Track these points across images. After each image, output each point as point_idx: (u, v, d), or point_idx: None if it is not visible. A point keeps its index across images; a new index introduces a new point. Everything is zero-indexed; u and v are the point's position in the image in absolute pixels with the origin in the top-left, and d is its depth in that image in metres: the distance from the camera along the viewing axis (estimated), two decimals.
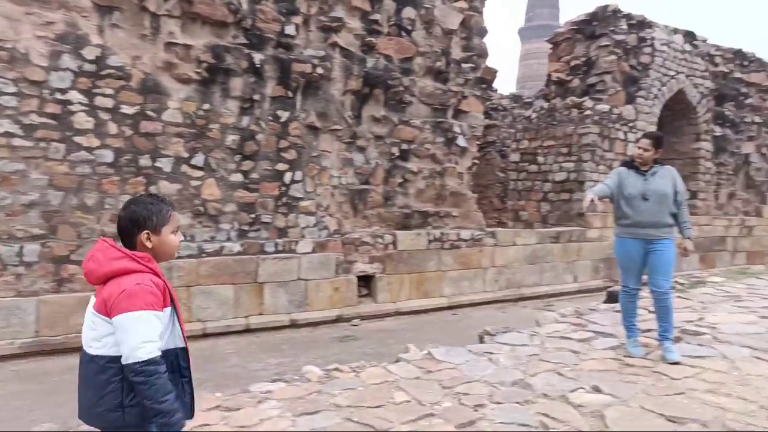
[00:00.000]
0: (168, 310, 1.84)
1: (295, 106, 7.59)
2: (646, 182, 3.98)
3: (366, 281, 8.11)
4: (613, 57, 11.37)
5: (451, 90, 8.99)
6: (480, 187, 15.17)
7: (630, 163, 4.15)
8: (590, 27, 11.89)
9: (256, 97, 7.23)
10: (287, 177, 7.50)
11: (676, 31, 12.53)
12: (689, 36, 12.78)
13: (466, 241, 8.85)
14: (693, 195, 13.03)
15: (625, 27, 11.63)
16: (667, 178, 4.00)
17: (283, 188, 7.48)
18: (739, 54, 14.08)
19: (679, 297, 5.88)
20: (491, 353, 4.16)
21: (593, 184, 10.67)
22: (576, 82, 11.90)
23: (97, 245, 1.88)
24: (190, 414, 1.93)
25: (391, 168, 8.46)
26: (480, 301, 8.85)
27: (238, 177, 7.16)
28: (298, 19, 7.56)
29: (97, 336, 1.80)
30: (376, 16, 8.18)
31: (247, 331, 6.95)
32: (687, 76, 12.47)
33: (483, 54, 9.44)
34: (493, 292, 9.12)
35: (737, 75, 13.93)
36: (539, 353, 4.12)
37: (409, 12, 8.49)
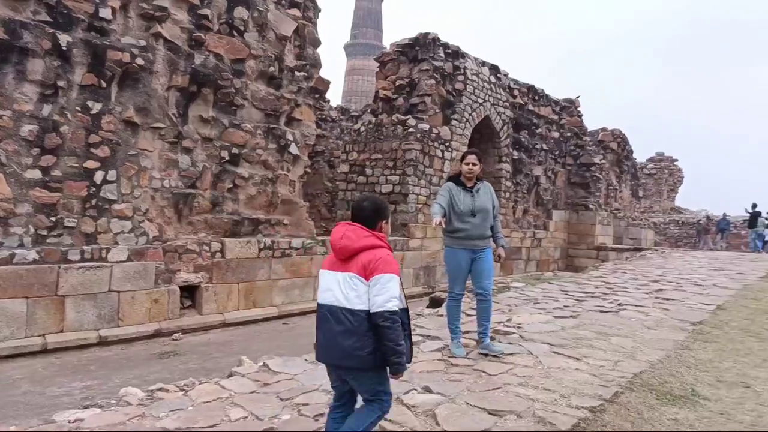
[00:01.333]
0: None
1: (110, 97, 6.83)
2: (473, 199, 4.35)
3: (190, 292, 7.58)
4: (433, 81, 12.36)
5: (285, 97, 8.90)
6: (308, 196, 15.24)
7: (457, 179, 4.47)
8: (413, 51, 12.77)
9: (61, 83, 6.33)
10: (98, 176, 6.70)
11: (484, 63, 14.10)
12: (494, 69, 14.47)
13: (297, 249, 8.79)
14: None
15: (442, 55, 12.72)
16: (487, 195, 4.46)
17: (93, 189, 6.66)
18: (532, 89, 16.35)
19: None
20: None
21: (416, 197, 11.43)
22: (401, 100, 12.66)
23: (345, 227, 2.51)
24: (410, 359, 2.49)
25: (221, 172, 8.06)
26: (310, 310, 8.83)
27: (35, 173, 6.18)
28: (115, 2, 6.84)
29: (359, 294, 2.36)
30: (206, 12, 7.77)
31: (45, 351, 6.00)
32: (492, 104, 14.07)
33: (316, 64, 9.54)
34: None
35: (530, 107, 16.16)
36: None
37: (241, 12, 8.22)
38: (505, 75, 14.94)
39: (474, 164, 4.39)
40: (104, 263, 6.65)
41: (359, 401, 2.58)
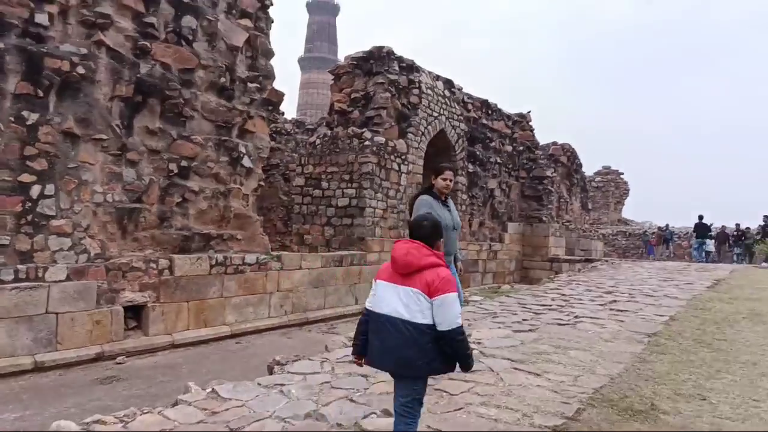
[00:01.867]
0: None
1: (48, 107, 6.42)
2: (450, 214, 4.39)
3: (136, 312, 7.17)
4: (388, 94, 12.34)
5: (237, 108, 8.64)
6: (263, 210, 14.89)
7: (433, 193, 4.42)
8: (368, 64, 12.74)
9: None
10: (35, 190, 6.26)
11: (438, 77, 14.21)
12: (448, 83, 14.61)
13: (251, 265, 8.49)
14: None
15: (397, 68, 12.74)
16: (455, 209, 4.47)
17: (29, 204, 6.22)
18: (485, 104, 16.60)
19: None
20: (282, 384, 3.96)
21: (373, 210, 11.32)
22: (356, 113, 12.57)
23: (408, 245, 2.71)
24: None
25: (169, 186, 7.71)
26: (265, 328, 8.54)
27: None
28: (53, 8, 6.46)
29: (422, 309, 2.57)
30: (152, 20, 7.46)
31: None
32: (447, 118, 14.18)
33: (269, 75, 9.33)
34: (279, 317, 8.90)
35: (484, 121, 16.39)
36: (331, 380, 4.06)
37: (189, 21, 7.94)
38: (459, 89, 15.10)
39: (452, 180, 4.44)
40: (41, 283, 6.20)
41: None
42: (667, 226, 26.57)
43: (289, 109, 69.38)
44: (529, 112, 19.08)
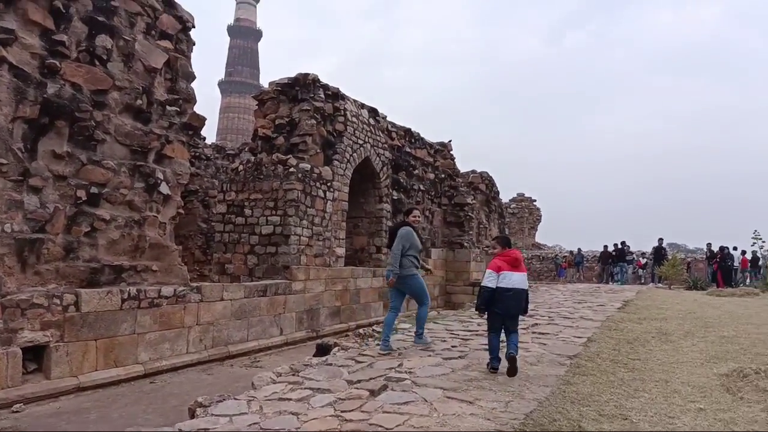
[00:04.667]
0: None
1: None
2: (419, 239, 6.39)
3: (36, 353, 6.50)
4: (313, 121, 12.30)
5: (154, 132, 8.24)
6: (180, 238, 14.22)
7: (410, 225, 6.33)
8: (293, 91, 12.66)
9: None
10: None
11: (363, 105, 14.38)
12: (373, 112, 14.81)
13: (167, 298, 7.99)
14: (378, 249, 14.82)
15: (322, 96, 12.76)
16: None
17: None
18: (409, 132, 16.96)
19: (378, 345, 6.40)
20: (207, 429, 3.69)
21: (298, 238, 11.11)
22: (281, 140, 12.39)
23: (515, 252, 5.31)
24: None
25: (76, 214, 7.15)
26: (183, 365, 8.03)
27: None
28: None
29: (527, 283, 5.29)
30: (62, 37, 7.00)
31: None
32: (372, 146, 14.33)
33: (190, 99, 9.00)
34: (199, 352, 8.41)
35: (408, 149, 16.72)
36: (260, 420, 3.84)
37: (104, 40, 7.53)
38: (384, 117, 15.35)
39: (419, 215, 6.81)
40: None
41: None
42: (579, 250, 28.13)
43: (209, 133, 67.56)
44: (450, 141, 19.73)
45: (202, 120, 9.17)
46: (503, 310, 5.05)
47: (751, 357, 5.77)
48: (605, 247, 24.34)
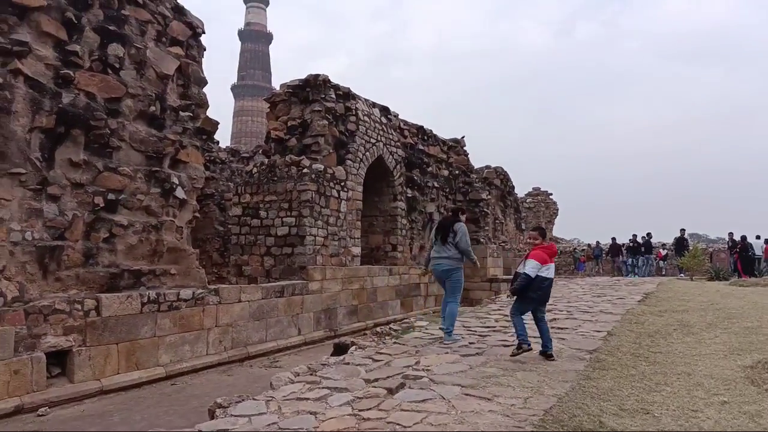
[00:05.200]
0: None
1: None
2: None
3: (60, 358, 6.62)
4: (325, 122, 12.33)
5: (168, 138, 8.33)
6: (198, 242, 14.36)
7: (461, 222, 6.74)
8: (304, 92, 12.71)
9: None
10: None
11: (374, 104, 14.38)
12: (385, 110, 14.80)
13: (186, 301, 8.08)
14: (393, 248, 14.81)
15: (333, 96, 12.78)
16: None
17: None
18: (421, 130, 16.92)
19: (396, 343, 6.40)
20: (226, 430, 3.72)
21: (313, 238, 11.15)
22: (294, 141, 12.45)
23: (550, 244, 5.72)
24: None
25: (95, 221, 7.27)
26: (203, 366, 8.11)
27: None
28: None
29: (549, 274, 5.46)
30: (75, 48, 7.10)
31: None
32: (384, 144, 14.32)
33: (202, 104, 9.08)
34: (218, 354, 8.50)
35: (421, 147, 16.68)
36: (278, 420, 3.86)
37: (116, 49, 7.62)
38: (395, 116, 15.33)
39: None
40: None
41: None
42: (597, 243, 27.83)
43: (223, 137, 68.12)
44: (463, 137, 19.63)
45: (215, 124, 9.25)
46: (539, 297, 5.46)
47: None
48: (613, 239, 24.06)
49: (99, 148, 7.38)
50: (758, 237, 19.98)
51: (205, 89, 9.20)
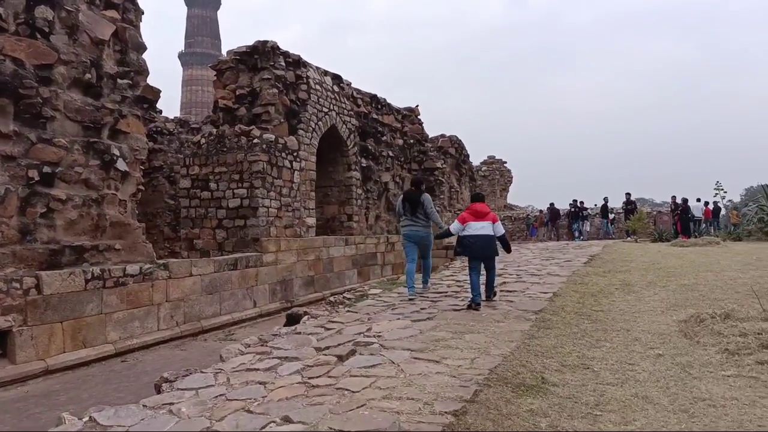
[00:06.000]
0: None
1: None
2: None
3: (0, 339, 6.36)
4: (275, 90, 12.01)
5: (106, 107, 7.94)
6: (148, 216, 13.93)
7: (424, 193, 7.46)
8: (253, 59, 12.31)
9: None
10: None
11: (326, 73, 14.09)
12: (337, 78, 14.54)
13: (134, 276, 7.85)
14: (349, 218, 14.78)
15: (283, 63, 12.44)
16: None
17: None
18: (375, 98, 16.75)
19: (348, 311, 6.43)
20: (171, 403, 3.66)
21: (266, 210, 10.98)
22: (243, 110, 12.11)
23: (480, 205, 6.56)
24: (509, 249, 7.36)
25: (30, 195, 6.91)
26: (154, 342, 7.96)
27: None
28: None
29: (494, 230, 6.43)
30: None
31: None
32: (337, 113, 14.12)
33: (142, 71, 8.67)
34: (170, 329, 8.34)
35: (375, 116, 16.54)
36: (226, 392, 3.82)
37: (44, 12, 7.15)
38: (348, 84, 15.09)
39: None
40: None
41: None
42: (551, 205, 28.50)
43: (173, 107, 65.72)
44: (417, 106, 19.56)
45: (156, 92, 8.86)
46: (473, 254, 6.31)
47: (709, 303, 5.96)
48: (551, 204, 24.88)
49: (31, 118, 6.97)
50: (698, 200, 20.97)
51: (152, 57, 8.79)
